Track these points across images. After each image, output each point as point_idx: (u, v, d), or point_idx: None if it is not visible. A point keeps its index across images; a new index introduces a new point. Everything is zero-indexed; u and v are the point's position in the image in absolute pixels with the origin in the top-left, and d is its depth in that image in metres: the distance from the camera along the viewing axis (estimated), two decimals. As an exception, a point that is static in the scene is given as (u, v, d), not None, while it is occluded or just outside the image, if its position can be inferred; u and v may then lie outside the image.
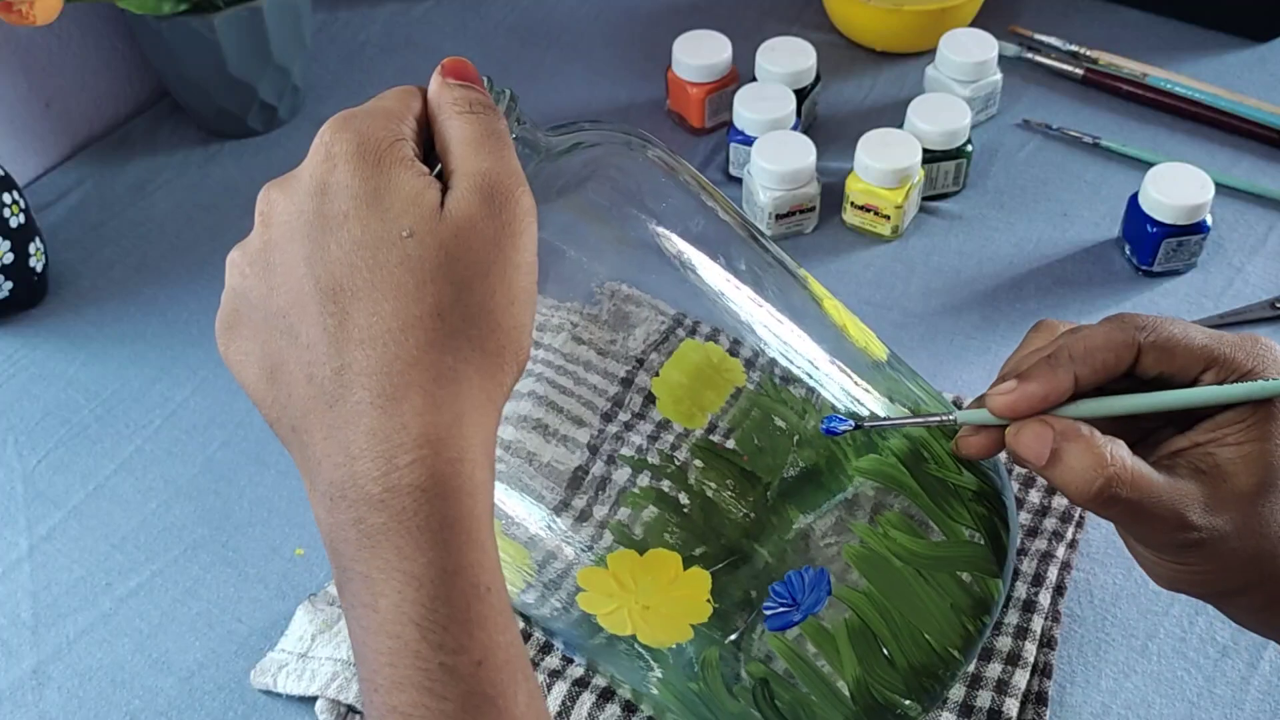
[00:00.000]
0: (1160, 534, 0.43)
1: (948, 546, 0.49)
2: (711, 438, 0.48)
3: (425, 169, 0.40)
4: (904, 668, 0.48)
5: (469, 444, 0.37)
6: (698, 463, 0.48)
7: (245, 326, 0.40)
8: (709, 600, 0.47)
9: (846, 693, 0.48)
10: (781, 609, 0.47)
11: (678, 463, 0.48)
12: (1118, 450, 0.42)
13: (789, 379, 0.49)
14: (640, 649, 0.49)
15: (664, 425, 0.48)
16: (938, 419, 0.48)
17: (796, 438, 0.48)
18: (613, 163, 0.50)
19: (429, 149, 0.42)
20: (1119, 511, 0.43)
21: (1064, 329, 0.47)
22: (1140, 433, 0.46)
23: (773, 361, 0.49)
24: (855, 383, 0.50)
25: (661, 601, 0.48)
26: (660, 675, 0.50)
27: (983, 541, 0.49)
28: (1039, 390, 0.44)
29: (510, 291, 0.39)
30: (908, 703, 0.49)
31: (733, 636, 0.48)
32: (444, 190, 0.40)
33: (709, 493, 0.47)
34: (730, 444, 0.48)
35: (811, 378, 0.49)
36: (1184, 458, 0.44)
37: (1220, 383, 0.44)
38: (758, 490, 0.48)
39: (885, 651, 0.48)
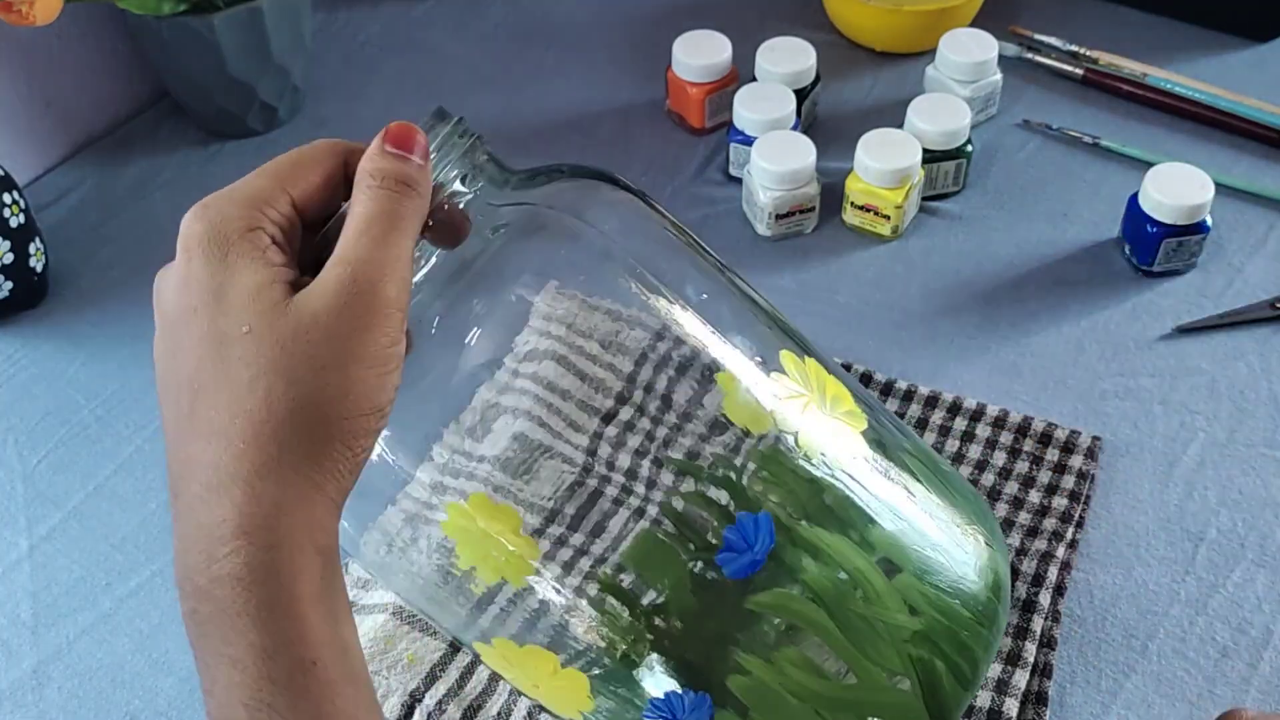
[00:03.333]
0: None
1: (860, 690, 0.46)
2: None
3: (276, 260, 0.40)
4: None
5: (287, 531, 0.38)
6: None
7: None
8: (590, 695, 0.47)
9: None
10: None
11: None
12: None
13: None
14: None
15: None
16: None
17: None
18: (579, 202, 0.49)
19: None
20: None
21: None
22: None
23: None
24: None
25: (547, 687, 0.48)
26: None
27: (909, 687, 0.46)
28: None
29: (345, 384, 0.39)
30: None
31: None
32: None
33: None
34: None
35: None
36: None
37: None
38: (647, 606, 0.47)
39: None
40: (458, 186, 0.44)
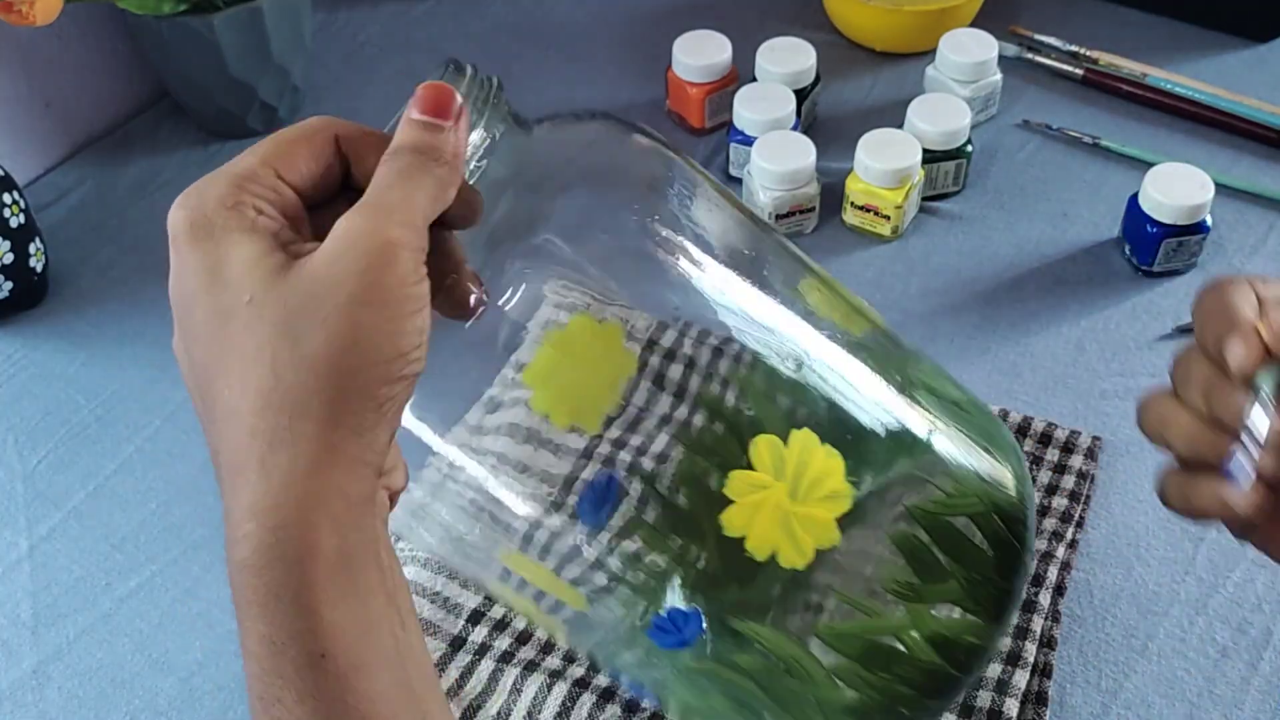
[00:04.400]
0: None
1: None
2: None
3: (267, 228, 0.38)
4: None
5: (298, 505, 0.36)
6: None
7: None
8: (849, 480, 0.46)
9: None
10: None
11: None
12: None
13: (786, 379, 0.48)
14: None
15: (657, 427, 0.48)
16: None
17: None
18: (608, 150, 0.49)
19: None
20: None
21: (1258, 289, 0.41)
22: None
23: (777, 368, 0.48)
24: (867, 378, 0.50)
25: (808, 489, 0.46)
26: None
27: None
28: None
29: (352, 331, 0.36)
30: None
31: None
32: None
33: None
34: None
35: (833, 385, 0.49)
36: None
37: None
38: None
39: None
40: (477, 137, 0.43)
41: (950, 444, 0.49)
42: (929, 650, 0.47)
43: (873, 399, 0.49)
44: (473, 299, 0.42)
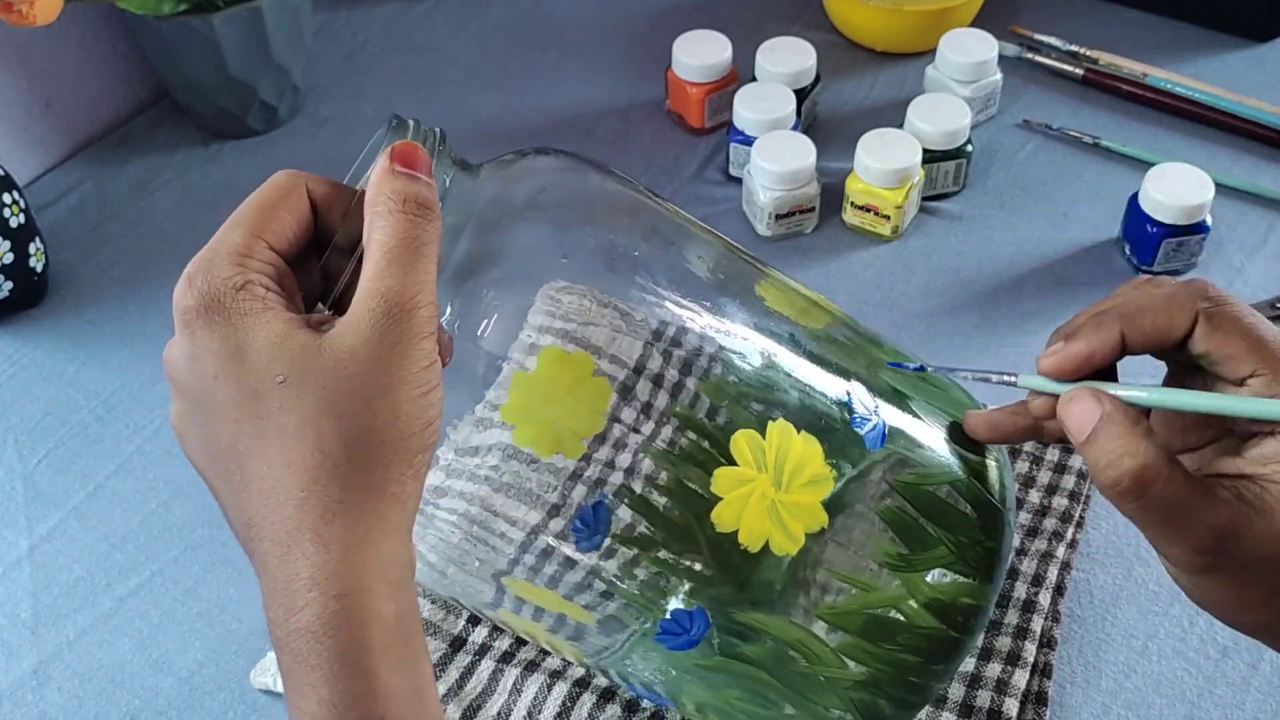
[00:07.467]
0: (1181, 547, 0.41)
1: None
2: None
3: (279, 306, 0.40)
4: None
5: (358, 573, 0.38)
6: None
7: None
8: (829, 463, 0.48)
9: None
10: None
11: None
12: (1155, 444, 0.40)
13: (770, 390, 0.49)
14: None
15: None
16: (1001, 377, 0.48)
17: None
18: (556, 179, 0.50)
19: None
20: (1142, 510, 0.41)
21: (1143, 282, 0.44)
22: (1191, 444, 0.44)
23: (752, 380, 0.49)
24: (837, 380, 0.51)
25: (790, 476, 0.48)
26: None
27: (852, 718, 0.49)
28: (1083, 349, 0.42)
29: (394, 408, 0.39)
30: None
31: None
32: (341, 310, 0.40)
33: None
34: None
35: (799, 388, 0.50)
36: (1228, 483, 0.41)
37: (1270, 391, 0.40)
38: None
39: None
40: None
41: (918, 417, 0.50)
42: (928, 616, 0.48)
43: (839, 384, 0.50)
44: (443, 352, 0.43)
